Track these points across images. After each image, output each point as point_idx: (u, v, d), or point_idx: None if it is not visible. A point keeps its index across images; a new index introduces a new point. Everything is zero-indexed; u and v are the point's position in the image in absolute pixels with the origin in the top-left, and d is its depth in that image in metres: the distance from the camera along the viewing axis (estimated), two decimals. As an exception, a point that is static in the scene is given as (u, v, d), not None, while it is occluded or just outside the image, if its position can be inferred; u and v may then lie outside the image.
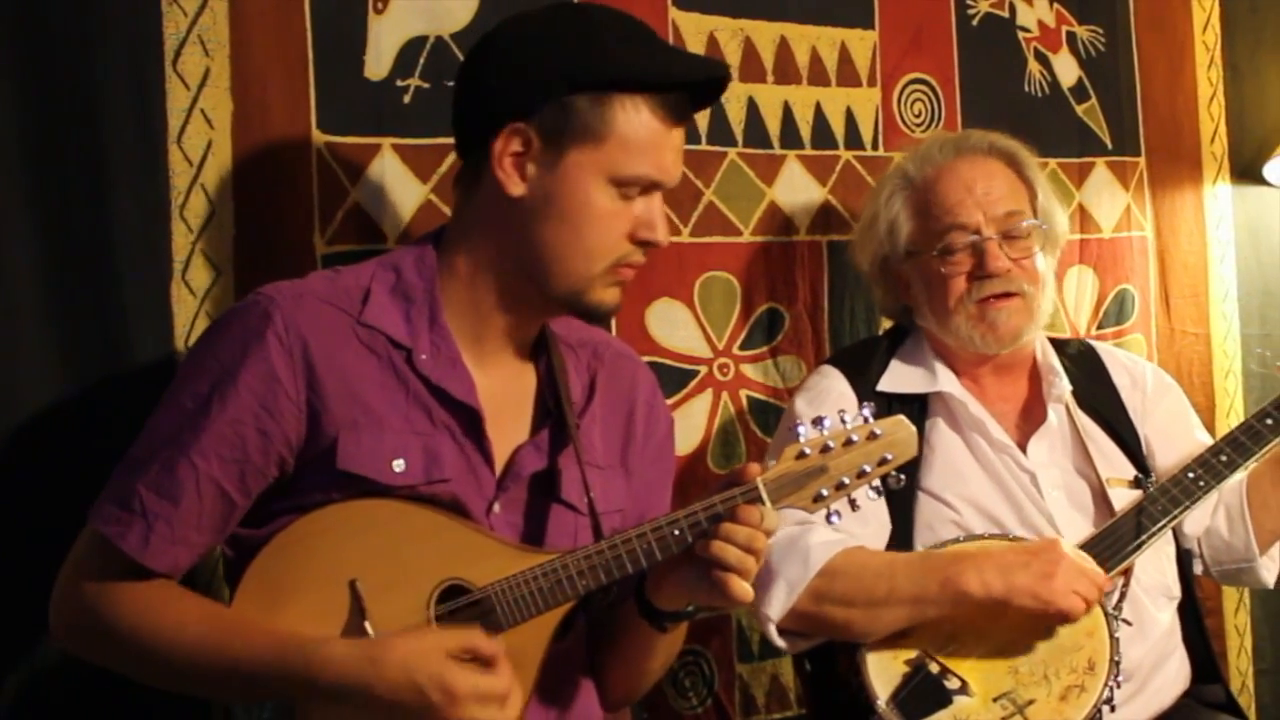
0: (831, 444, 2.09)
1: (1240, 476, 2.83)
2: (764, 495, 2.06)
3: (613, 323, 2.89)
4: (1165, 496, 2.69)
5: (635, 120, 2.08)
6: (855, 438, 2.10)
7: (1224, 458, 2.72)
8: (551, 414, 2.23)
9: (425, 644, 1.94)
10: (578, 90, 2.07)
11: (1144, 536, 2.63)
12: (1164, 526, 2.66)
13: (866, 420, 2.13)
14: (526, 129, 2.08)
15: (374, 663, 1.91)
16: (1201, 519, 2.85)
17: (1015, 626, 2.48)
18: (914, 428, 2.15)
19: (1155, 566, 2.73)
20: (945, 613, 2.48)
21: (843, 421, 2.12)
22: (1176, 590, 2.78)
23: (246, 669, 1.96)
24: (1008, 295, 2.71)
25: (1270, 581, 2.92)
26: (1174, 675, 2.73)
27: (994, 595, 2.45)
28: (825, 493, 2.09)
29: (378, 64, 2.68)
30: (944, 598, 2.46)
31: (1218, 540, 2.86)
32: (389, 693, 1.90)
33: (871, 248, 2.85)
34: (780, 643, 2.57)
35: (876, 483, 2.13)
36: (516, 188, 2.10)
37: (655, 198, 2.15)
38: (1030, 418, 2.80)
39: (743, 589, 2.05)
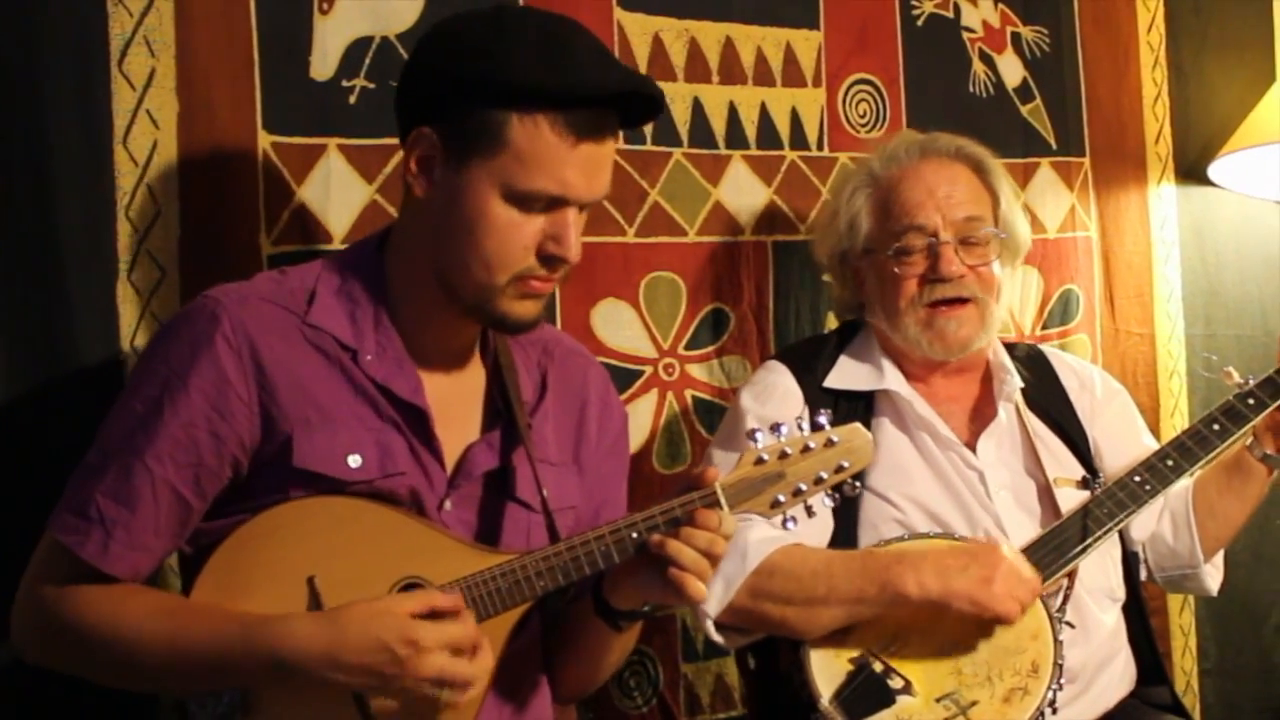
0: (789, 450, 2.14)
1: (1186, 482, 2.88)
2: (722, 500, 2.11)
3: (558, 322, 2.96)
4: (1111, 500, 2.73)
5: (532, 135, 2.08)
6: (813, 444, 2.15)
7: (1170, 462, 2.77)
8: (502, 412, 2.28)
9: (385, 604, 1.98)
10: (476, 101, 2.08)
11: (1089, 539, 2.68)
12: (1109, 530, 2.70)
13: (824, 427, 2.17)
14: (432, 134, 2.11)
15: (336, 626, 1.96)
16: (1147, 524, 2.91)
17: (959, 627, 2.52)
18: (870, 436, 2.20)
19: (1100, 568, 2.77)
20: (883, 613, 2.53)
21: (800, 428, 2.17)
22: (1121, 592, 2.83)
23: (209, 652, 1.99)
24: (960, 302, 2.76)
25: (1214, 589, 2.99)
26: (1119, 676, 2.79)
27: (931, 597, 2.49)
28: (782, 499, 2.14)
29: (323, 64, 2.73)
30: (882, 599, 2.51)
31: (1163, 546, 2.93)
32: (355, 655, 1.95)
33: (830, 242, 2.90)
34: (718, 638, 2.62)
35: (832, 489, 2.18)
36: (421, 191, 2.15)
37: (565, 213, 2.14)
38: (980, 417, 2.85)
39: (697, 588, 2.09)
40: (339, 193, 2.74)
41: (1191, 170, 3.96)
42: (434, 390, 2.22)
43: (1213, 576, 2.97)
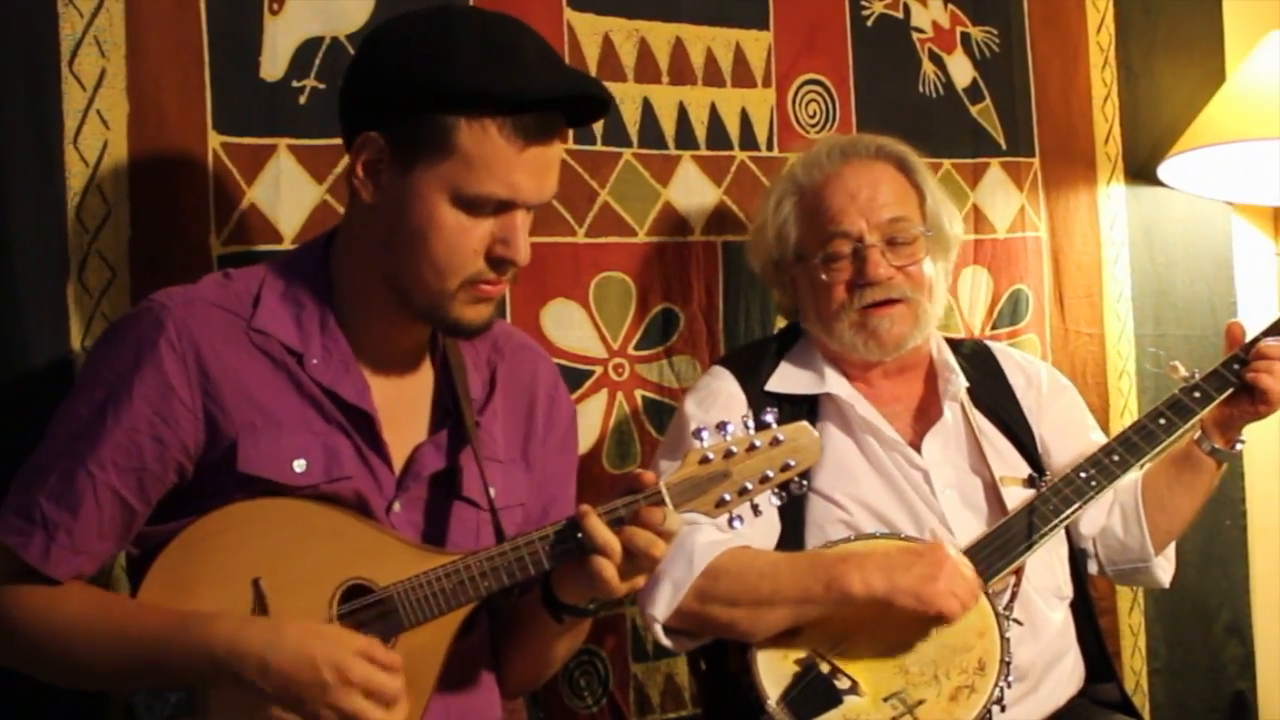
0: (735, 449, 2.17)
1: (1135, 476, 2.94)
2: (667, 499, 2.13)
3: (508, 321, 2.98)
4: (1057, 496, 2.77)
5: (480, 139, 2.10)
6: (758, 443, 2.18)
7: (1116, 457, 2.81)
8: (451, 412, 2.31)
9: (331, 630, 2.04)
10: (423, 106, 2.10)
11: (1035, 536, 2.71)
12: (1056, 526, 2.74)
13: (770, 426, 2.20)
14: (378, 138, 2.13)
15: (273, 631, 2.00)
16: (1097, 519, 2.95)
17: (905, 626, 2.56)
18: (817, 434, 2.22)
19: (1046, 566, 2.81)
20: (829, 612, 2.56)
21: (746, 427, 2.19)
22: (1068, 590, 2.87)
23: (148, 648, 2.03)
24: (890, 302, 2.79)
25: (1165, 581, 3.04)
26: (1067, 675, 2.83)
27: (876, 595, 2.53)
28: (728, 497, 2.16)
29: (273, 65, 2.77)
30: (828, 598, 2.54)
31: (1113, 540, 2.96)
32: (285, 663, 1.98)
33: (763, 252, 2.94)
34: (667, 642, 2.65)
35: (779, 488, 2.21)
36: (369, 196, 2.17)
37: (514, 216, 2.16)
38: (925, 416, 2.89)
39: (626, 587, 2.14)
40: (289, 193, 2.78)
41: (1141, 170, 4.02)
42: (382, 392, 2.25)
43: (1164, 569, 3.01)
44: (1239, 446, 2.91)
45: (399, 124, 2.12)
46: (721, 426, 2.18)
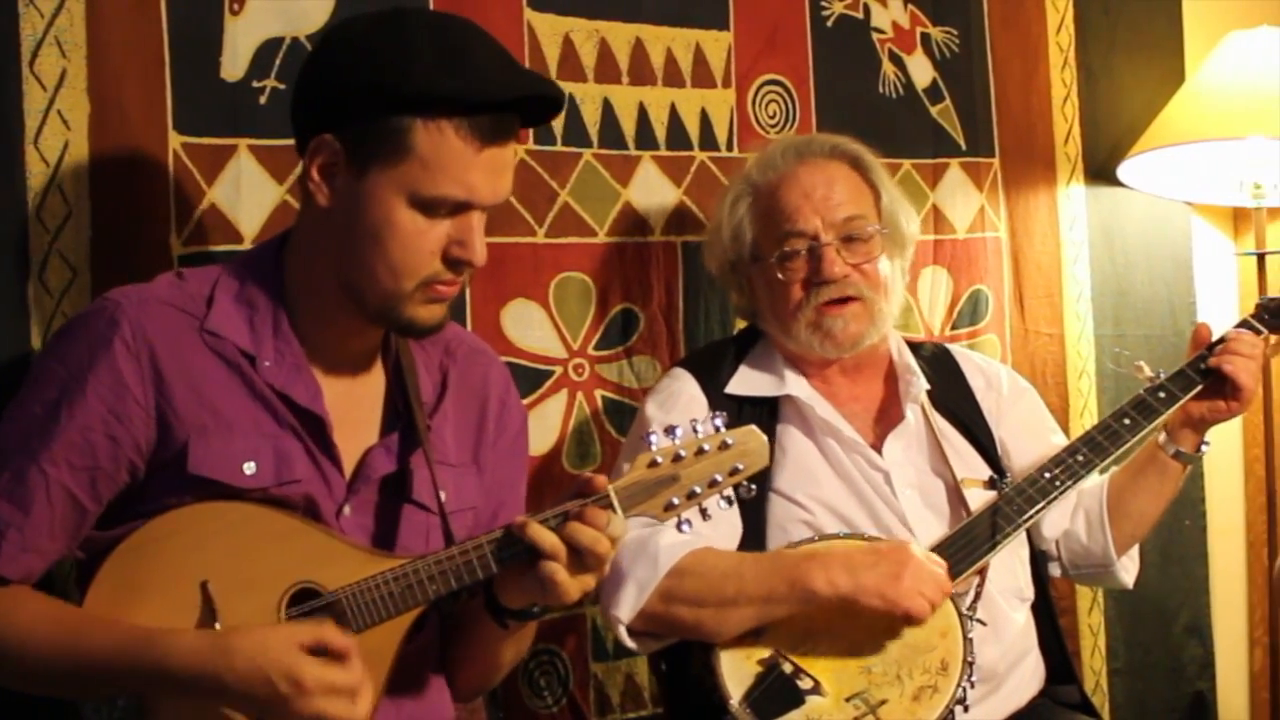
0: (683, 453, 2.20)
1: (1099, 479, 2.98)
2: (615, 503, 2.16)
3: (468, 323, 3.02)
4: (1021, 496, 2.81)
5: (437, 141, 2.12)
6: (707, 447, 2.20)
7: (1080, 457, 2.86)
8: (402, 415, 2.34)
9: (277, 636, 2.02)
10: (379, 109, 2.12)
11: (999, 537, 2.76)
12: (1020, 526, 2.79)
13: (718, 430, 2.23)
14: (334, 141, 2.15)
15: (224, 653, 1.99)
16: (1059, 522, 3.00)
17: (868, 626, 2.60)
18: (765, 438, 2.25)
19: (1008, 568, 2.85)
20: (794, 611, 2.60)
21: (695, 430, 2.22)
22: (1029, 592, 2.91)
23: (97, 664, 2.04)
24: (845, 300, 2.82)
25: (1129, 583, 3.09)
26: (1029, 675, 2.87)
27: (841, 594, 2.57)
28: (676, 501, 2.19)
29: (234, 65, 2.80)
30: (792, 597, 2.58)
31: (1076, 544, 3.02)
32: (238, 683, 1.98)
33: (718, 254, 2.97)
34: (631, 644, 2.68)
35: (728, 492, 2.23)
36: (324, 199, 2.19)
37: (469, 217, 2.19)
38: (886, 418, 2.93)
39: (572, 587, 2.16)
40: (249, 193, 2.81)
41: (1101, 171, 4.07)
42: (334, 395, 2.28)
43: (1128, 571, 3.06)
44: (1204, 450, 2.97)
45: (354, 126, 2.14)
46: (671, 430, 2.21)
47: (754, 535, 2.77)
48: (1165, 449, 2.95)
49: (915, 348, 3.05)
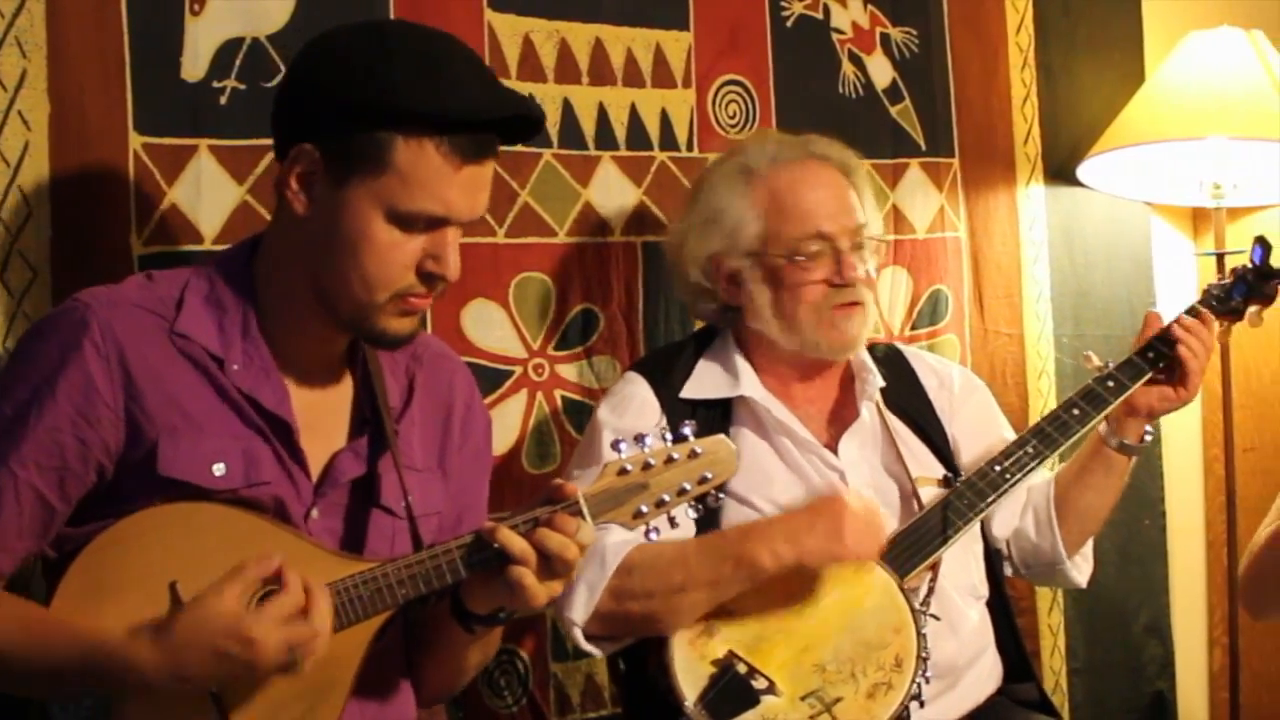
0: (653, 461, 2.23)
1: (1048, 477, 3.03)
2: (585, 510, 2.19)
3: (428, 324, 3.07)
4: (972, 490, 2.84)
5: (416, 157, 2.15)
6: (676, 455, 2.24)
7: (1030, 450, 2.88)
8: (369, 420, 2.37)
9: (206, 608, 2.02)
10: (360, 122, 2.14)
11: (950, 531, 2.78)
12: (971, 520, 2.82)
13: (687, 438, 2.26)
14: (313, 151, 2.18)
15: (171, 651, 2.01)
16: (1009, 521, 3.04)
17: (822, 624, 2.64)
18: (734, 447, 2.28)
19: (962, 566, 2.89)
20: (744, 590, 2.62)
21: (664, 439, 2.25)
22: (984, 590, 2.95)
23: (62, 671, 2.07)
24: (854, 303, 2.87)
25: (1082, 582, 3.13)
26: (986, 673, 2.90)
27: (787, 563, 2.60)
28: (645, 509, 2.23)
29: (194, 65, 2.83)
30: (739, 575, 2.61)
31: (1026, 543, 3.05)
32: (196, 667, 2.01)
33: (707, 244, 2.93)
34: (588, 647, 2.71)
35: (695, 500, 2.26)
36: (302, 207, 2.21)
37: (445, 232, 2.21)
38: (840, 418, 2.96)
39: (541, 592, 2.19)
40: (210, 194, 2.84)
41: (1060, 171, 4.11)
42: (301, 399, 2.31)
43: (1080, 569, 3.10)
44: (1147, 438, 3.00)
45: (335, 138, 2.17)
46: (640, 438, 2.24)
47: None
48: (1109, 441, 2.98)
49: (869, 348, 3.07)
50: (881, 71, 3.83)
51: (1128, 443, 2.98)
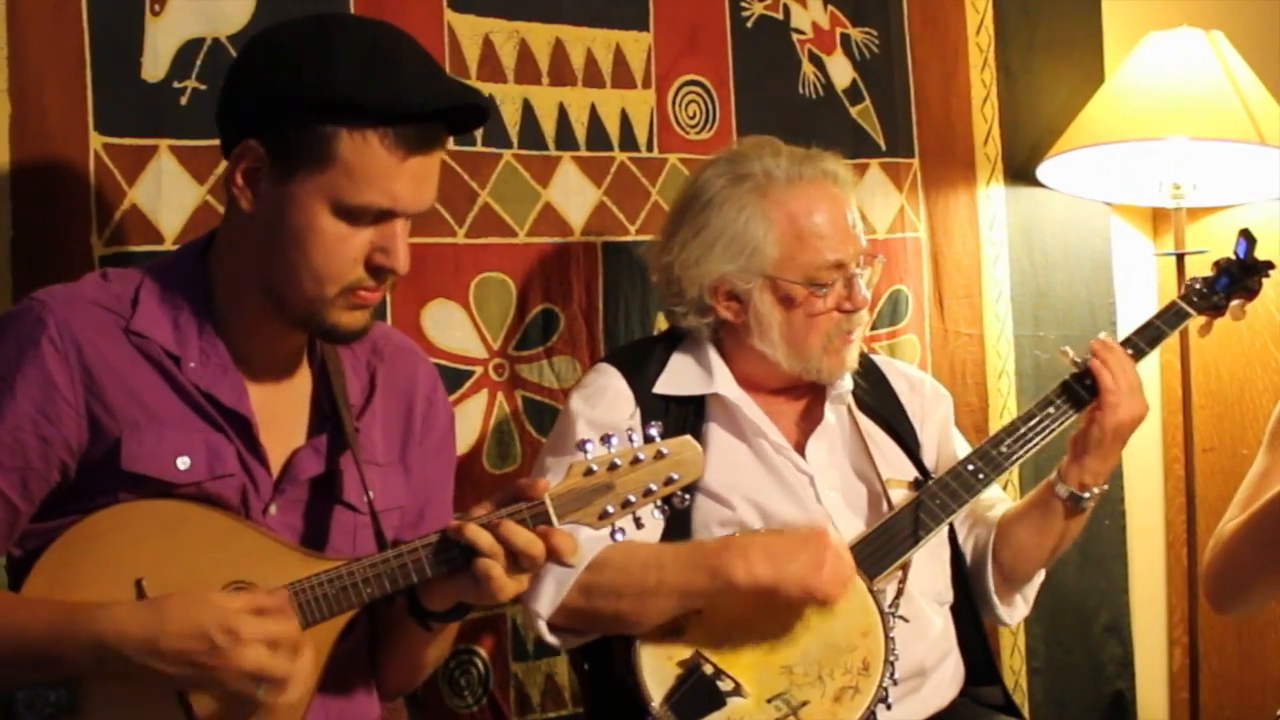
0: (619, 462, 2.24)
1: (996, 515, 3.03)
2: (551, 511, 2.21)
3: (388, 323, 3.05)
4: (945, 491, 2.86)
5: (361, 150, 2.17)
6: (642, 456, 2.24)
7: (1004, 449, 2.90)
8: (329, 416, 2.39)
9: (212, 596, 2.07)
10: (304, 116, 2.16)
11: (922, 532, 2.81)
12: (944, 521, 2.84)
13: (654, 439, 2.26)
14: (258, 146, 2.19)
15: (158, 613, 2.04)
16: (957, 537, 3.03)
17: (787, 626, 2.67)
18: (700, 448, 2.28)
19: (929, 570, 2.91)
20: (714, 601, 2.65)
21: (630, 439, 2.25)
22: (949, 595, 2.97)
23: (32, 642, 2.06)
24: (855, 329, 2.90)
25: (1010, 623, 3.13)
26: (949, 676, 2.93)
27: (761, 584, 2.61)
28: (611, 510, 2.24)
29: (155, 66, 2.86)
30: (712, 587, 2.63)
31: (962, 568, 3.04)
32: (174, 640, 2.02)
33: (716, 264, 2.89)
34: (552, 639, 2.73)
35: (661, 501, 2.27)
36: (248, 204, 2.23)
37: (394, 224, 2.23)
38: (809, 418, 2.98)
39: (509, 586, 2.21)
40: (170, 194, 2.87)
41: (1020, 171, 4.16)
42: (260, 396, 2.33)
43: (1013, 610, 3.09)
44: (1085, 497, 2.94)
45: (279, 133, 2.19)
46: (606, 439, 2.26)
47: (678, 534, 2.80)
48: (1057, 490, 2.94)
49: None
50: (841, 72, 3.87)
51: (1068, 487, 2.93)
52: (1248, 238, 3.16)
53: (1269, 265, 3.16)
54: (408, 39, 2.28)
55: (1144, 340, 3.04)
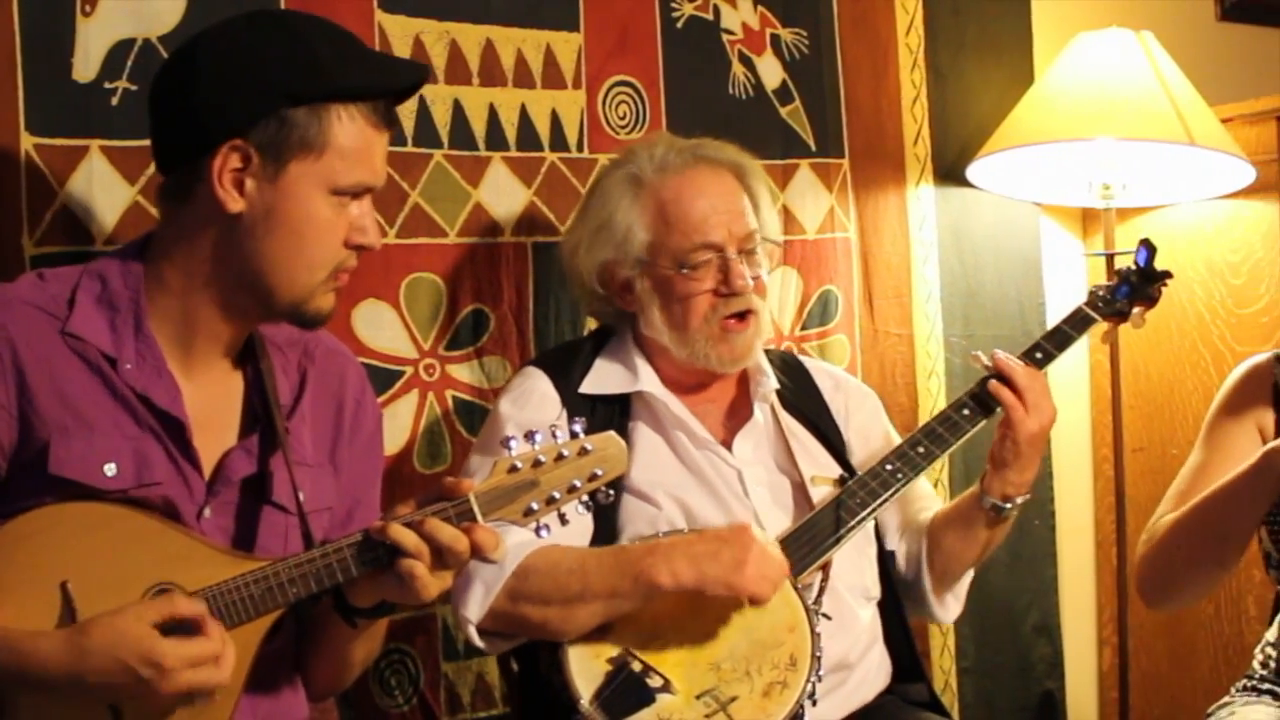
0: (543, 458, 2.29)
1: (928, 516, 3.11)
2: (475, 509, 2.26)
3: None
4: (864, 490, 2.93)
5: (351, 130, 2.30)
6: (566, 453, 2.30)
7: (921, 449, 2.97)
8: (260, 417, 2.44)
9: (126, 622, 2.09)
10: (295, 104, 2.26)
11: (843, 529, 2.87)
12: (863, 519, 2.91)
13: (578, 435, 2.31)
14: (245, 145, 2.26)
15: (80, 653, 2.07)
16: (891, 537, 3.13)
17: (715, 623, 2.73)
18: (624, 444, 2.34)
19: (855, 566, 2.98)
20: (640, 606, 2.71)
21: (554, 436, 2.30)
22: (876, 591, 3.04)
23: None
24: (745, 315, 2.96)
25: (946, 620, 3.22)
26: (874, 670, 3.00)
27: (685, 585, 2.67)
28: (536, 506, 2.29)
29: (86, 66, 2.91)
30: (637, 592, 2.69)
31: (896, 569, 3.13)
32: (98, 676, 2.07)
33: (597, 252, 3.02)
34: (481, 644, 2.79)
35: (586, 497, 2.32)
36: (236, 205, 2.29)
37: (366, 201, 2.37)
38: (736, 416, 3.06)
39: (432, 583, 2.26)
40: (102, 194, 2.93)
41: (950, 171, 4.24)
42: (194, 398, 2.37)
43: (947, 607, 3.17)
44: (1008, 507, 3.00)
45: (265, 129, 2.27)
46: (530, 435, 2.31)
47: (606, 534, 2.87)
48: (983, 501, 3.01)
49: (765, 352, 3.15)
50: (771, 72, 3.95)
51: (991, 499, 3.00)
52: (1148, 246, 3.26)
53: (1167, 274, 3.27)
54: (340, 25, 2.43)
55: (1053, 344, 3.13)
